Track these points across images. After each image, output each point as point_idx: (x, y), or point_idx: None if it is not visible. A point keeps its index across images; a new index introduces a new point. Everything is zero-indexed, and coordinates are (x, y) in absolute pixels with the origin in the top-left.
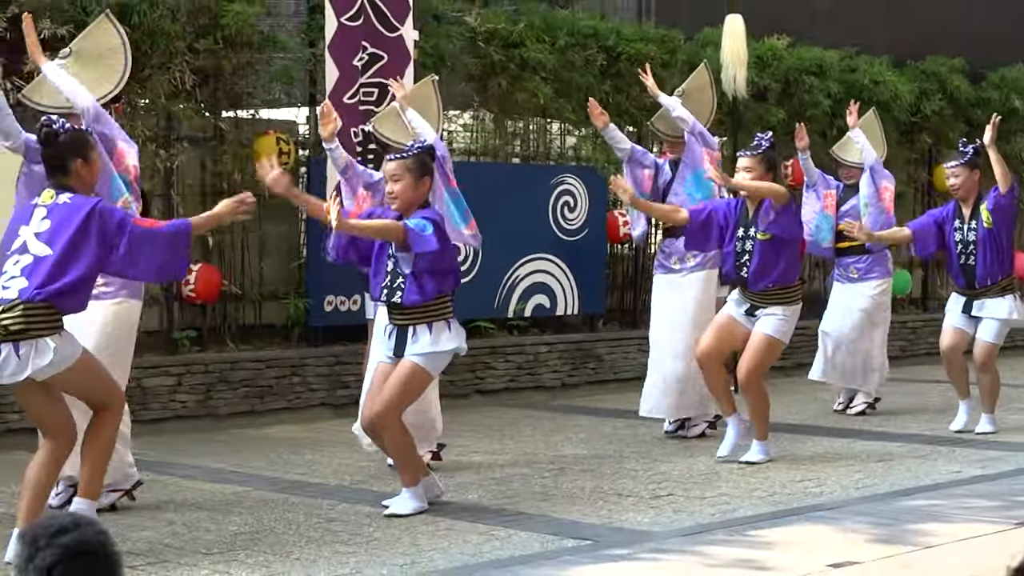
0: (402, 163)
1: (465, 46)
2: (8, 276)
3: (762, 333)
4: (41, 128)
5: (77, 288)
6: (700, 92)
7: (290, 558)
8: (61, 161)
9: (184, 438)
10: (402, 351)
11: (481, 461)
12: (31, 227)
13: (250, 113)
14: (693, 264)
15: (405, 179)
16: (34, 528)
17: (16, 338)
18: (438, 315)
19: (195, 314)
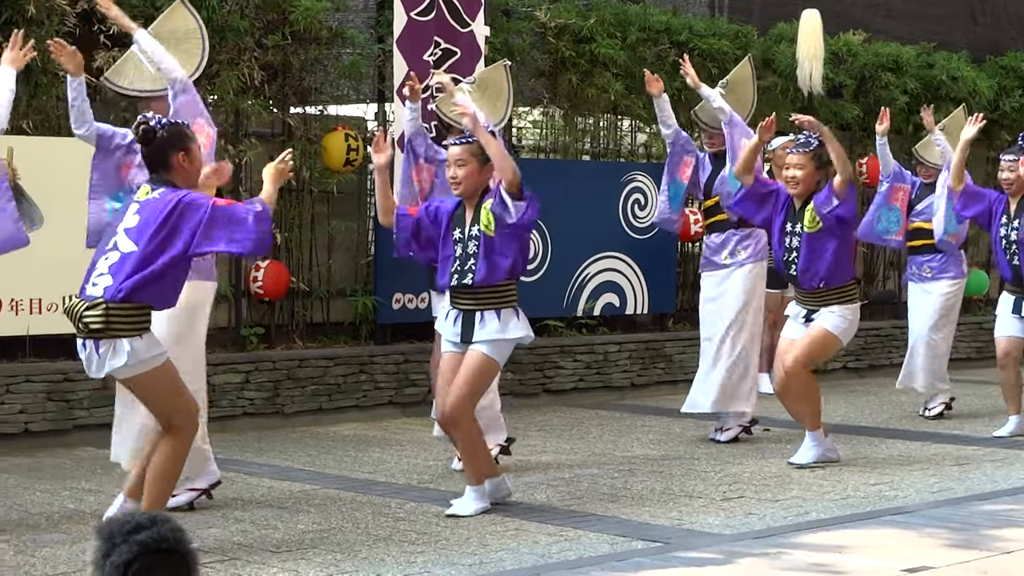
0: (467, 148)
1: (535, 41)
2: (98, 272)
3: (820, 326)
4: (138, 126)
5: (158, 282)
6: (742, 85)
7: (358, 557)
8: (163, 157)
9: (252, 435)
10: (469, 336)
11: (550, 461)
12: (123, 223)
13: (318, 109)
14: (744, 257)
15: (470, 164)
16: (111, 525)
17: (97, 336)
18: (505, 301)
19: (263, 311)
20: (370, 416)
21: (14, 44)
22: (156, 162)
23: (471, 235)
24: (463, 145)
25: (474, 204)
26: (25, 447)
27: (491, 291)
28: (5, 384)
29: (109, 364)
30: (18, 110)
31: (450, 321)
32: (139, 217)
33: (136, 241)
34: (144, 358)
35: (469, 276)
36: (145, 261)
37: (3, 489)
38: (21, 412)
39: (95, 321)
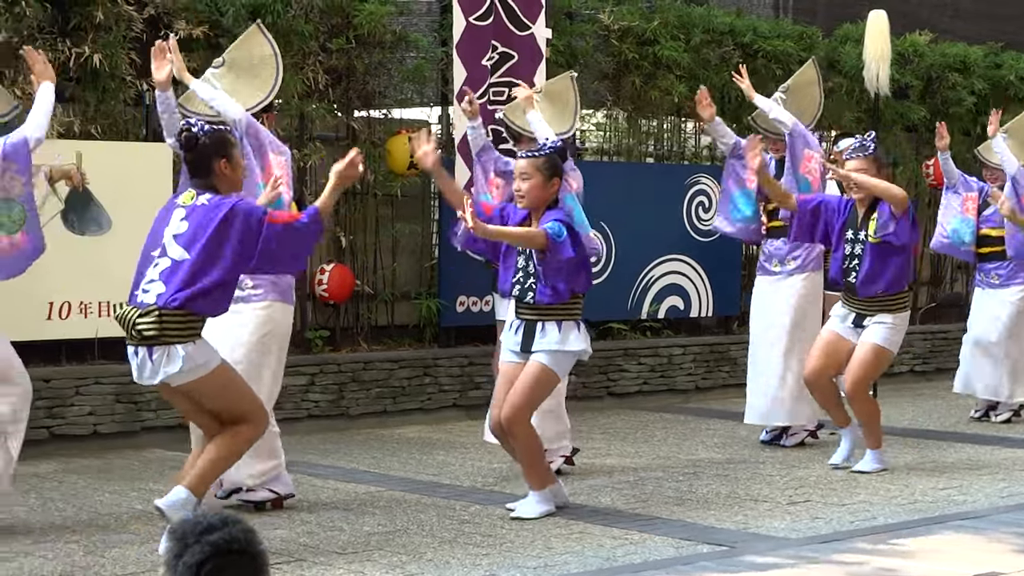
0: (533, 162)
1: (598, 44)
2: (148, 279)
3: (871, 343)
4: (181, 132)
5: (213, 291)
6: (806, 88)
7: (423, 559)
8: (205, 163)
9: (317, 437)
10: (529, 346)
11: (614, 464)
12: (170, 228)
13: (382, 113)
14: (793, 267)
15: (535, 178)
16: (183, 525)
17: (150, 343)
18: (568, 314)
19: (328, 314)
20: (434, 419)
21: (39, 60)
22: (199, 168)
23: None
24: (529, 158)
25: (538, 218)
26: (94, 449)
27: (554, 307)
28: (75, 386)
29: (164, 371)
30: (86, 115)
31: (512, 330)
32: (188, 224)
33: (187, 248)
34: (199, 363)
35: (530, 295)
36: (201, 270)
37: (73, 490)
38: (90, 414)
39: (148, 328)
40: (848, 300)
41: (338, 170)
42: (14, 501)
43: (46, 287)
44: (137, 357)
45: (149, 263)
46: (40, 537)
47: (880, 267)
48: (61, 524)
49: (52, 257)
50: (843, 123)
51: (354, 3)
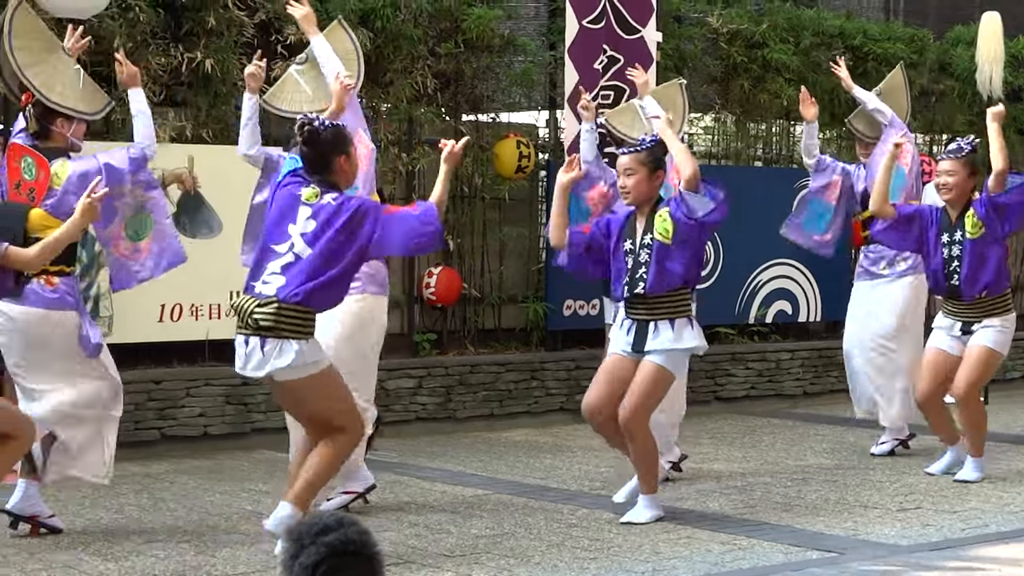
0: (636, 157)
1: (707, 47)
2: (270, 272)
3: (981, 345)
4: (303, 126)
5: (331, 286)
6: (895, 94)
7: (531, 562)
8: (325, 158)
9: (424, 440)
10: (642, 346)
11: (722, 469)
12: (297, 226)
13: (490, 117)
14: (904, 268)
15: (639, 173)
16: (299, 527)
17: (264, 333)
18: (679, 311)
19: (435, 317)
20: (541, 422)
21: (127, 65)
22: (318, 163)
23: (643, 244)
24: (631, 154)
25: (646, 213)
26: (205, 450)
27: (664, 300)
28: (185, 388)
29: (273, 363)
30: (198, 119)
31: (624, 330)
32: (315, 222)
33: (311, 244)
34: (309, 361)
35: (640, 285)
36: (323, 266)
37: (184, 490)
38: (201, 415)
39: (266, 318)
40: (952, 308)
41: (449, 153)
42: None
43: (157, 290)
44: (247, 346)
45: (270, 256)
46: (152, 536)
47: (982, 262)
48: (172, 524)
49: None
50: (955, 127)
51: (463, 8)
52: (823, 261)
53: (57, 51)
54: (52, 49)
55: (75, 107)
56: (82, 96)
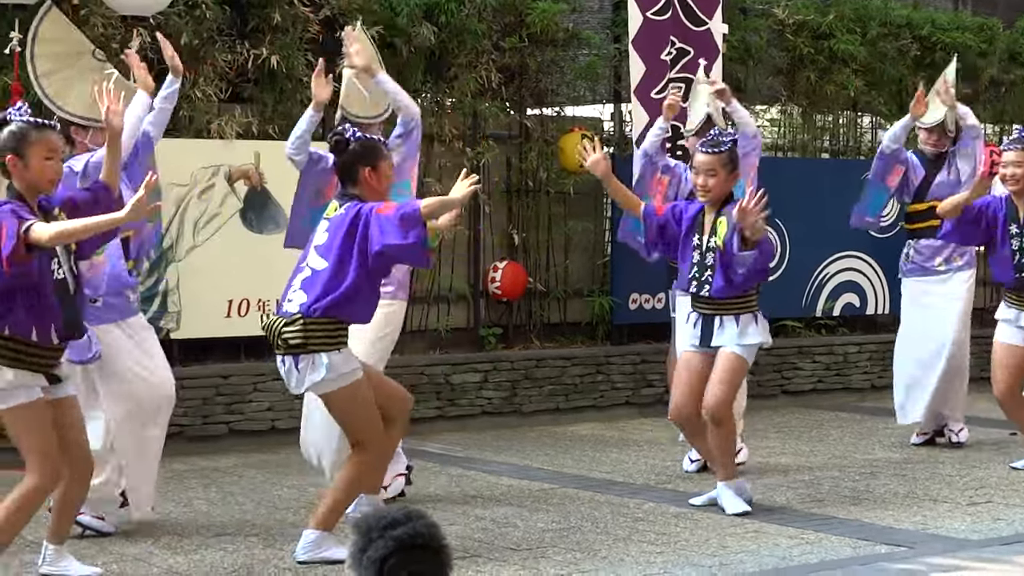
0: (718, 158)
1: (772, 38)
2: (292, 289)
3: None
4: (332, 136)
5: (354, 297)
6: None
7: (597, 556)
8: (350, 169)
9: (490, 434)
10: (708, 341)
11: (789, 463)
12: (314, 240)
13: (555, 110)
14: (962, 263)
15: (720, 174)
16: (368, 521)
17: (296, 351)
18: (745, 308)
19: (501, 311)
20: (607, 416)
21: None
22: (345, 174)
23: (709, 246)
24: (714, 155)
25: (714, 211)
26: (272, 444)
27: (730, 300)
28: (253, 383)
29: (308, 379)
30: (264, 116)
31: (690, 324)
32: (328, 234)
33: (325, 257)
34: (343, 372)
35: (706, 288)
36: (336, 277)
37: (252, 484)
38: (268, 410)
39: (294, 337)
40: (1017, 299)
41: (460, 187)
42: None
43: (225, 286)
44: (284, 366)
45: (295, 273)
46: (221, 530)
47: None
48: (241, 518)
49: (231, 256)
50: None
51: (527, 1)
52: (891, 253)
53: (85, 55)
54: (80, 54)
55: (86, 115)
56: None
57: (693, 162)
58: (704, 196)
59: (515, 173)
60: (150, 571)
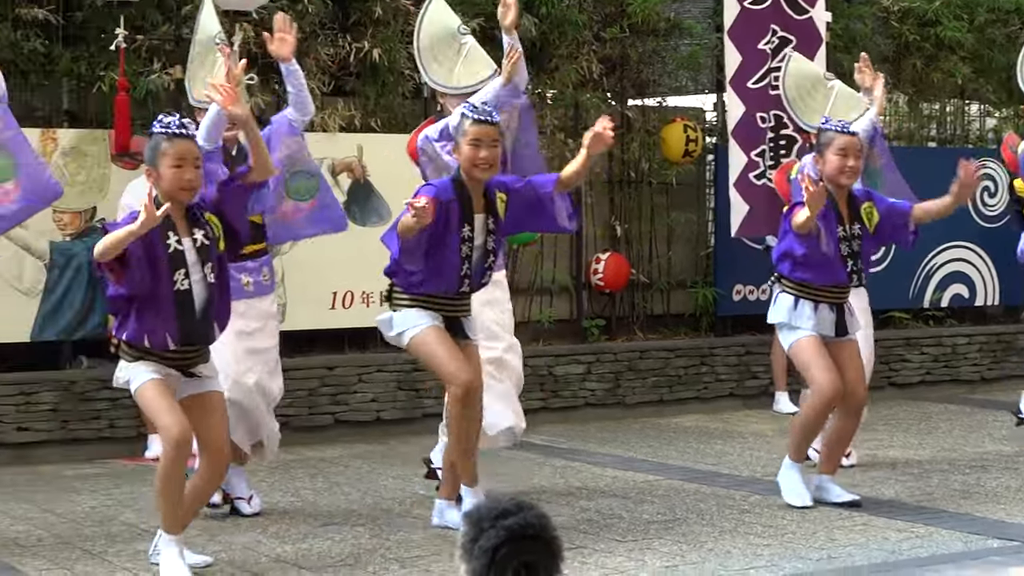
0: (859, 140)
1: (877, 26)
2: None
3: None
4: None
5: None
6: None
7: (703, 548)
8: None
9: (593, 426)
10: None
11: (897, 456)
12: None
13: (656, 101)
14: None
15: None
16: (479, 511)
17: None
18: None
19: (604, 303)
20: (711, 408)
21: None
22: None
23: (854, 233)
24: (855, 136)
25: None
26: (377, 434)
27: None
28: (357, 374)
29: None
30: (366, 109)
31: (821, 314)
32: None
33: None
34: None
35: (855, 278)
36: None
37: (357, 475)
38: (373, 401)
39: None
40: None
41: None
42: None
43: (329, 278)
44: None
45: None
46: (328, 520)
47: None
48: (347, 507)
49: (335, 248)
50: None
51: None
52: (1000, 243)
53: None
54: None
55: (203, 101)
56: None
57: (831, 145)
58: (851, 179)
59: (617, 164)
60: (258, 560)
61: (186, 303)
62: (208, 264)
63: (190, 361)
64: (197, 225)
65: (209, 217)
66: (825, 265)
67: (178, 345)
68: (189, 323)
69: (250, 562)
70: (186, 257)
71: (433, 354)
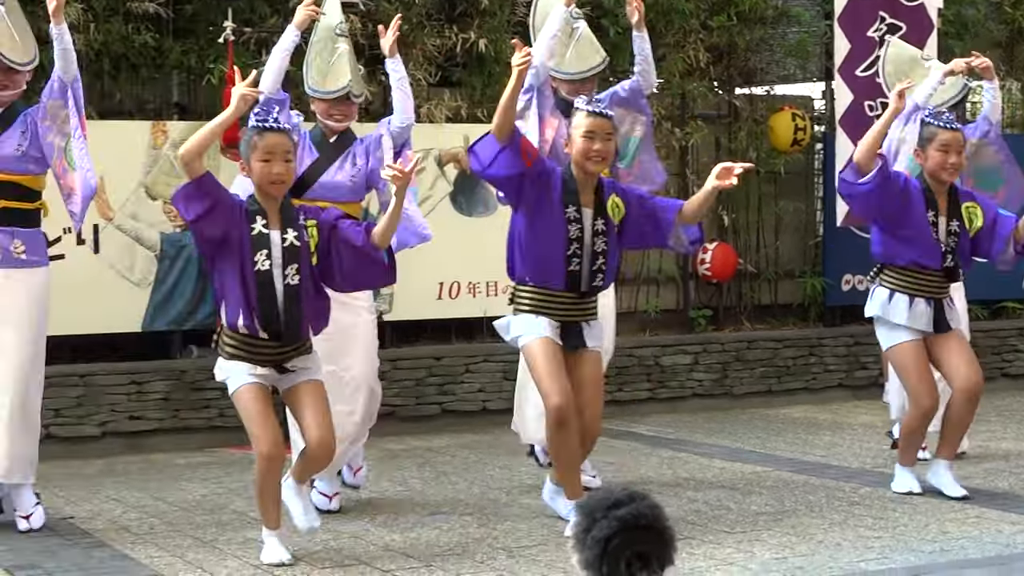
0: (961, 135)
1: (990, 12)
2: None
3: None
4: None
5: None
6: None
7: (813, 540)
8: None
9: (700, 416)
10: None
11: (1010, 448)
12: None
13: (764, 89)
14: None
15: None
16: (591, 501)
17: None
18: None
19: (711, 293)
20: (820, 399)
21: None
22: None
23: (951, 230)
24: (959, 131)
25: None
26: (483, 424)
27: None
28: (464, 364)
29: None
30: (472, 99)
31: (919, 308)
32: None
33: None
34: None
35: (958, 274)
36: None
37: (464, 464)
38: (479, 391)
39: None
40: None
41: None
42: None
43: (436, 268)
44: None
45: None
46: (435, 509)
47: None
48: (454, 497)
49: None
50: None
51: None
52: None
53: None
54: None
55: (317, 88)
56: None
57: (933, 140)
58: (953, 176)
59: (724, 153)
60: (367, 548)
61: (266, 285)
62: (293, 266)
63: (283, 356)
64: (292, 225)
65: (309, 223)
66: (921, 246)
67: (265, 332)
68: (271, 309)
69: (358, 550)
70: (270, 241)
71: (534, 367)
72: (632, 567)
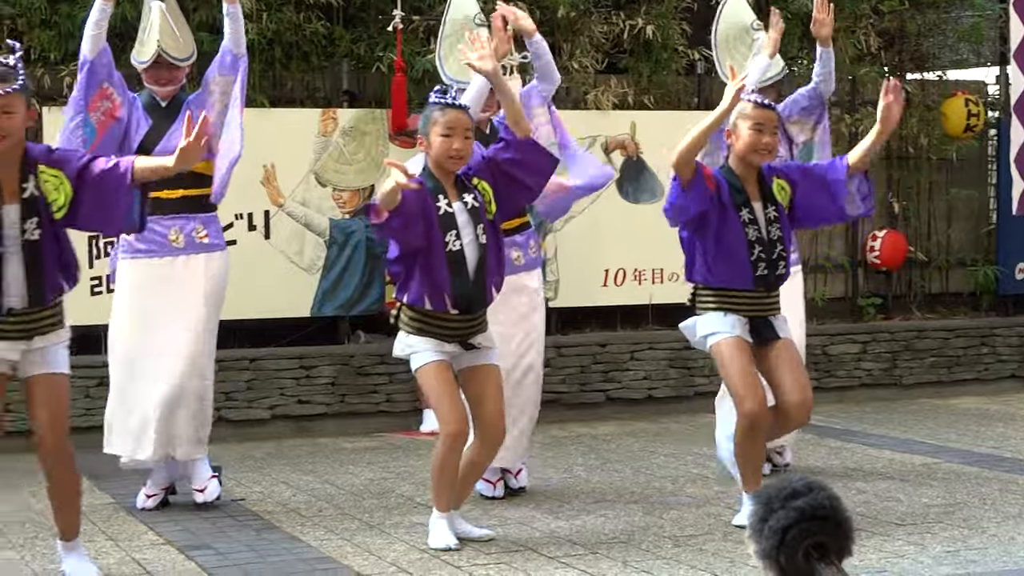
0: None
1: None
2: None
3: None
4: None
5: None
6: None
7: (986, 534)
8: None
9: (869, 406)
10: None
11: None
12: None
13: (936, 74)
14: None
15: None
16: (769, 491)
17: None
18: None
19: (880, 281)
20: (991, 390)
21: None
22: None
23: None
24: None
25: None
26: (648, 412)
27: None
28: (630, 351)
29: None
30: (639, 86)
31: None
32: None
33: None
34: None
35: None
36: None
37: (629, 452)
38: (645, 378)
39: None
40: None
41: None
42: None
43: (602, 255)
44: None
45: None
46: (600, 496)
47: None
48: (620, 485)
49: (607, 226)
50: None
51: None
52: None
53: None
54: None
55: (457, 79)
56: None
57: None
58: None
59: (894, 139)
60: (532, 535)
61: (459, 264)
62: (480, 225)
63: (470, 330)
64: (466, 191)
65: (478, 182)
66: None
67: (456, 309)
68: (463, 285)
69: (524, 537)
70: (456, 219)
71: (723, 366)
72: (810, 558)
